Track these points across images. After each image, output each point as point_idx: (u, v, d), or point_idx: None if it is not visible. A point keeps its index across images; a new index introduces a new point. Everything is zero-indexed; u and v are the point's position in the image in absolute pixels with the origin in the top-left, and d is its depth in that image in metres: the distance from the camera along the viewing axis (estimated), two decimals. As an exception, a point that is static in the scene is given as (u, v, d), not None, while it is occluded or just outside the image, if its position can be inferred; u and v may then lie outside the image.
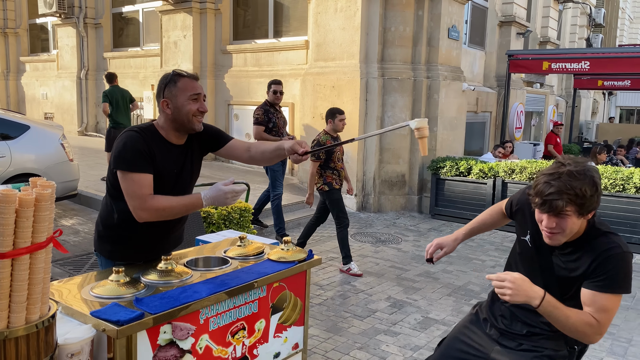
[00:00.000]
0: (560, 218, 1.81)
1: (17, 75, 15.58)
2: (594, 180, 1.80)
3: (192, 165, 2.47)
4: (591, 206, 1.82)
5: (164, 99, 2.32)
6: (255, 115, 6.29)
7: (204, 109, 2.34)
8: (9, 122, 6.30)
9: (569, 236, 1.88)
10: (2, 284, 1.45)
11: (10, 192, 1.44)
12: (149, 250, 2.41)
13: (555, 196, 1.77)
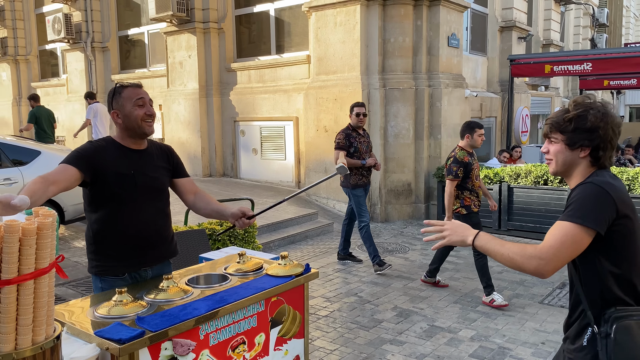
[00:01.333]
0: (551, 144, 1.90)
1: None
2: (583, 112, 1.82)
3: (155, 168, 2.59)
4: (577, 137, 1.82)
5: (113, 110, 2.50)
6: (337, 139, 5.82)
7: (150, 112, 2.51)
8: (21, 149, 6.49)
9: (562, 168, 1.89)
10: (8, 309, 1.55)
11: (14, 223, 1.54)
12: (130, 260, 2.52)
13: (547, 121, 1.92)
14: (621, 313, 1.73)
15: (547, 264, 1.71)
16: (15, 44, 15.61)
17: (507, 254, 1.78)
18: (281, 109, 9.88)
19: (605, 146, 1.82)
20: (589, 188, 1.77)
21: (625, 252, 1.77)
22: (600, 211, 1.71)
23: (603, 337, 1.73)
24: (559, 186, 7.10)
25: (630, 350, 1.69)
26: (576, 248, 1.72)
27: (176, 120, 11.12)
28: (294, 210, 8.02)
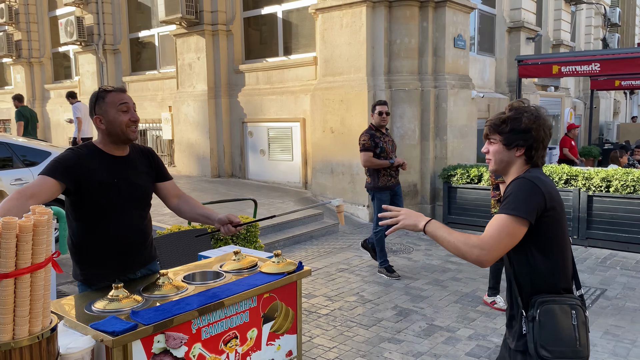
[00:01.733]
0: (490, 144, 2.08)
1: (42, 102, 16.19)
2: (517, 114, 2.00)
3: (138, 175, 2.58)
4: (512, 138, 2.00)
5: (96, 115, 2.46)
6: (361, 141, 5.60)
7: (135, 118, 2.49)
8: (32, 149, 6.64)
9: (499, 166, 2.07)
10: (6, 301, 1.64)
11: (10, 220, 1.63)
12: (114, 269, 2.52)
13: (486, 124, 2.11)
14: (545, 298, 1.93)
15: (488, 253, 1.88)
16: (29, 46, 15.89)
17: (453, 242, 1.94)
18: (288, 110, 9.96)
19: (538, 146, 2.00)
20: (520, 183, 1.94)
21: (552, 242, 1.96)
22: (530, 202, 1.89)
23: (530, 320, 1.93)
24: (564, 187, 7.10)
25: (553, 331, 1.89)
26: (513, 238, 1.89)
27: (185, 121, 11.26)
28: (300, 212, 8.09)
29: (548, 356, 1.88)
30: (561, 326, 1.89)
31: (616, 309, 4.79)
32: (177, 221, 6.02)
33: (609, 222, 6.82)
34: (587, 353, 1.94)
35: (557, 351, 1.88)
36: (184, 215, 2.82)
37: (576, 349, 1.90)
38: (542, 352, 1.88)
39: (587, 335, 1.95)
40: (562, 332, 1.89)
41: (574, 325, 1.91)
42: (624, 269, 5.99)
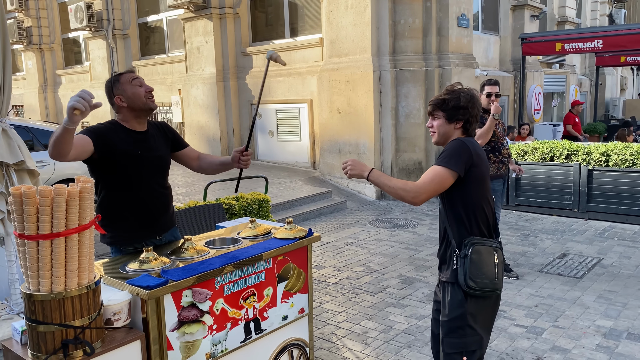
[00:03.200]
0: (434, 120, 2.47)
1: (54, 87, 16.48)
2: (456, 95, 2.40)
3: (158, 147, 2.84)
4: (453, 113, 2.39)
5: (117, 96, 2.71)
6: None
7: (149, 89, 2.75)
8: (51, 133, 6.92)
9: (441, 138, 2.46)
10: (59, 256, 1.92)
11: (61, 187, 1.90)
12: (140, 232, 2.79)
13: (430, 103, 2.50)
14: (476, 240, 2.35)
15: (420, 194, 2.29)
16: (39, 32, 16.11)
17: (393, 186, 2.34)
18: (296, 92, 10.17)
19: (473, 120, 2.43)
20: (455, 142, 2.38)
21: (476, 193, 2.36)
22: (461, 158, 2.31)
23: (462, 257, 2.35)
24: (564, 162, 7.30)
25: (479, 266, 2.31)
26: (442, 184, 2.31)
27: (195, 104, 11.49)
28: (308, 189, 8.36)
29: (474, 286, 2.31)
30: (486, 263, 2.32)
31: (611, 275, 5.03)
32: (192, 198, 6.29)
33: (608, 196, 7.02)
34: (501, 286, 2.41)
35: (480, 282, 2.31)
36: (206, 171, 3.10)
37: (494, 282, 2.34)
38: (470, 283, 2.30)
39: (502, 273, 2.40)
40: (486, 268, 2.32)
41: (495, 263, 2.35)
42: (621, 240, 6.22)
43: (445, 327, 2.41)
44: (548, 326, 3.95)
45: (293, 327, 2.91)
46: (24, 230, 1.89)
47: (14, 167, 3.94)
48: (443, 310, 2.43)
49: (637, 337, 3.76)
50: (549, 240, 6.28)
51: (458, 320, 2.36)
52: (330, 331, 3.93)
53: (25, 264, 1.94)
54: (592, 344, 3.67)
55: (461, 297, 2.35)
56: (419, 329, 3.93)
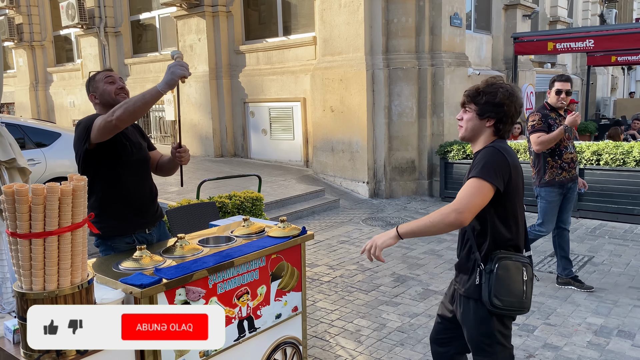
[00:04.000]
0: (465, 112, 2.28)
1: (45, 85, 16.36)
2: (493, 89, 2.19)
3: (139, 139, 2.96)
4: (486, 109, 2.19)
5: (91, 94, 2.83)
6: (530, 122, 4.51)
7: (120, 86, 2.81)
8: (43, 131, 6.88)
9: (469, 133, 2.27)
10: (51, 255, 1.91)
11: (54, 185, 1.89)
12: (134, 222, 2.85)
13: (464, 93, 2.31)
14: (503, 254, 2.17)
15: (463, 212, 2.05)
16: (30, 30, 15.99)
17: (429, 221, 2.10)
18: (289, 90, 10.16)
19: (507, 120, 2.21)
20: (492, 151, 2.16)
21: (511, 208, 2.19)
22: (500, 172, 2.10)
23: (487, 272, 2.17)
24: (556, 161, 7.34)
25: (506, 284, 2.15)
26: (484, 199, 2.09)
27: (188, 102, 11.45)
28: (301, 188, 8.36)
29: (499, 304, 2.14)
30: (513, 280, 2.15)
31: (601, 273, 5.08)
32: (185, 196, 6.27)
33: (599, 194, 7.08)
34: (529, 305, 2.24)
35: (507, 301, 2.15)
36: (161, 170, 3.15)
37: (522, 301, 2.18)
38: (495, 301, 2.14)
39: (531, 290, 2.24)
40: (513, 285, 2.15)
41: (524, 280, 2.18)
42: (612, 238, 6.27)
43: (473, 345, 2.29)
44: (540, 324, 3.98)
45: (286, 326, 2.92)
46: (16, 228, 1.88)
47: (4, 165, 3.90)
48: (467, 327, 2.29)
49: (628, 334, 3.80)
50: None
51: (486, 337, 2.23)
52: (324, 329, 3.94)
53: (17, 262, 1.93)
54: (583, 342, 3.70)
55: (485, 315, 2.20)
56: (412, 327, 3.95)
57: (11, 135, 4.23)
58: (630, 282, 4.83)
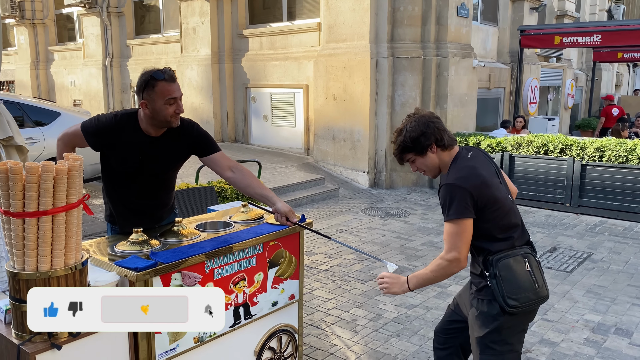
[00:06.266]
0: (412, 163, 2.32)
1: (46, 64, 16.23)
2: (407, 132, 2.23)
3: (165, 157, 2.67)
4: (419, 146, 2.23)
5: (143, 100, 2.49)
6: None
7: (180, 111, 2.52)
8: (42, 110, 6.82)
9: (435, 170, 2.31)
10: (45, 235, 1.86)
11: (49, 164, 1.84)
12: (135, 222, 2.59)
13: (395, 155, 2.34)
14: (499, 255, 2.18)
15: (459, 259, 2.14)
16: (32, 7, 15.82)
17: (433, 276, 2.22)
18: (291, 76, 10.07)
19: (440, 134, 2.23)
20: (447, 189, 2.17)
21: (493, 212, 2.18)
22: (463, 203, 2.12)
23: (492, 277, 2.17)
24: (559, 156, 7.30)
25: (515, 282, 2.15)
26: (467, 233, 2.15)
27: (189, 85, 11.36)
28: (301, 175, 8.32)
29: (516, 304, 2.13)
30: (519, 275, 2.15)
31: (600, 270, 5.05)
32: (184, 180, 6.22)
33: (600, 191, 7.04)
34: (547, 291, 2.23)
35: (522, 297, 2.14)
36: (238, 188, 2.78)
37: (536, 291, 2.17)
38: (510, 302, 2.12)
39: (542, 276, 2.22)
40: (521, 280, 2.15)
41: (529, 271, 2.18)
42: (612, 235, 6.24)
43: (480, 344, 2.25)
44: (537, 319, 3.96)
45: (283, 313, 2.89)
46: (9, 207, 1.84)
47: (2, 143, 3.87)
48: (475, 324, 2.26)
49: (625, 332, 3.78)
50: (540, 233, 6.29)
51: (494, 334, 2.20)
52: (320, 318, 3.92)
53: (10, 241, 1.89)
54: (580, 338, 3.68)
55: (497, 311, 2.18)
56: (408, 318, 3.92)
57: (9, 113, 4.18)
58: (629, 280, 4.81)
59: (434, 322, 3.88)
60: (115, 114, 2.63)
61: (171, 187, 2.91)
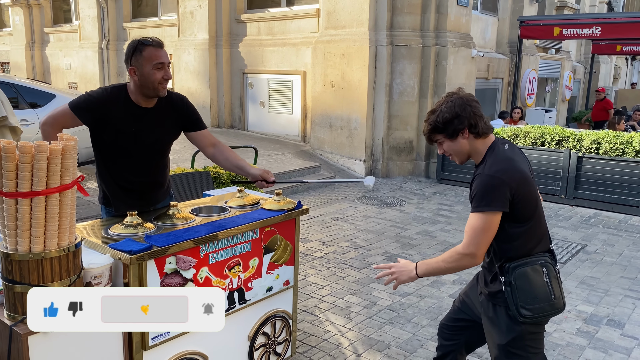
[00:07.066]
0: (441, 145, 2.18)
1: (41, 46, 16.05)
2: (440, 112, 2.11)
3: (158, 129, 2.68)
4: (451, 129, 2.10)
5: (131, 66, 2.52)
6: None
7: (168, 77, 2.56)
8: (37, 91, 6.75)
9: (463, 156, 2.17)
10: (38, 216, 1.84)
11: (43, 143, 1.81)
12: (130, 202, 2.67)
13: (424, 134, 2.21)
14: (517, 263, 2.07)
15: (475, 255, 2.04)
16: (27, -13, 15.63)
17: (444, 266, 2.11)
18: (289, 63, 10.00)
19: (475, 120, 2.10)
20: (484, 180, 2.04)
21: (526, 213, 2.06)
22: (499, 195, 1.99)
23: (507, 285, 2.08)
24: (555, 148, 7.29)
25: (529, 291, 2.06)
26: (492, 231, 2.02)
27: (186, 70, 11.28)
28: (297, 163, 8.29)
29: (529, 314, 2.05)
30: (535, 285, 2.06)
31: (594, 262, 5.07)
32: (180, 165, 6.20)
33: (596, 183, 7.05)
34: (563, 303, 2.13)
35: (536, 308, 2.05)
36: (219, 164, 2.93)
37: (552, 302, 2.08)
38: (524, 312, 2.05)
39: (560, 286, 2.12)
40: (537, 290, 2.06)
41: (546, 281, 2.07)
42: (606, 227, 6.27)
43: (502, 350, 2.15)
44: (530, 309, 3.98)
45: (277, 299, 2.89)
46: (2, 186, 1.81)
47: (-4, 123, 3.82)
48: (494, 330, 2.17)
49: (617, 323, 3.80)
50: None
51: (518, 341, 2.11)
52: (314, 304, 3.92)
53: (2, 222, 1.86)
54: (572, 329, 3.70)
55: (514, 321, 2.09)
56: (402, 306, 3.93)
57: (4, 93, 4.13)
58: (622, 272, 4.83)
59: (428, 310, 3.89)
60: (105, 88, 2.64)
61: (165, 165, 2.88)
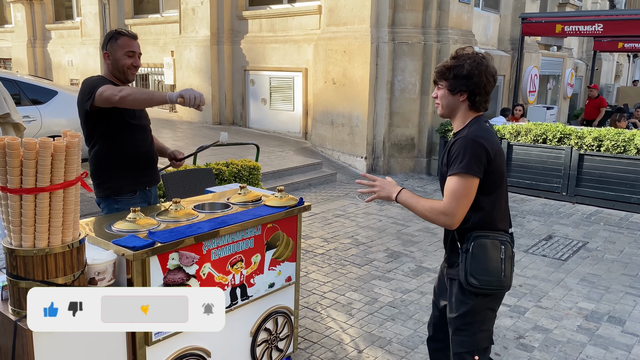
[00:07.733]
0: (438, 90, 2.18)
1: (43, 42, 16.06)
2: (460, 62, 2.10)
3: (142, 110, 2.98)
4: (456, 84, 2.10)
5: (106, 51, 2.82)
6: None
7: (137, 64, 2.85)
8: (39, 88, 6.75)
9: (446, 110, 2.19)
10: (42, 212, 1.86)
11: (47, 140, 1.82)
12: (139, 178, 2.94)
13: (435, 69, 2.21)
14: (479, 233, 2.10)
15: (453, 216, 2.05)
16: (29, -16, 15.62)
17: (421, 210, 2.11)
18: (291, 60, 10.00)
19: (480, 91, 2.10)
20: (465, 142, 2.05)
21: (494, 188, 2.11)
22: (478, 160, 2.02)
23: (464, 252, 2.12)
24: (557, 145, 7.29)
25: (482, 262, 2.08)
26: (470, 196, 2.05)
27: (187, 67, 11.28)
28: (299, 160, 8.30)
29: (476, 284, 2.08)
30: (490, 258, 2.08)
31: (595, 259, 5.08)
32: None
33: (597, 181, 7.05)
34: (510, 284, 2.15)
35: (484, 280, 2.07)
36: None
37: (501, 279, 2.09)
38: (471, 280, 2.08)
39: (512, 268, 2.15)
40: (490, 264, 2.08)
41: (501, 258, 2.09)
42: (607, 225, 6.27)
43: (453, 324, 2.22)
44: (531, 306, 3.99)
45: (279, 295, 2.90)
46: (6, 183, 1.82)
47: (-2, 120, 3.84)
48: (450, 306, 2.24)
49: (618, 320, 3.81)
50: (536, 222, 6.32)
51: (466, 317, 2.16)
52: (316, 301, 3.94)
53: (7, 218, 1.88)
54: (573, 325, 3.71)
55: (467, 295, 2.14)
56: (404, 303, 3.95)
57: (6, 90, 4.14)
58: (623, 269, 4.84)
59: (429, 306, 3.89)
60: (97, 76, 2.88)
61: (152, 140, 3.12)
